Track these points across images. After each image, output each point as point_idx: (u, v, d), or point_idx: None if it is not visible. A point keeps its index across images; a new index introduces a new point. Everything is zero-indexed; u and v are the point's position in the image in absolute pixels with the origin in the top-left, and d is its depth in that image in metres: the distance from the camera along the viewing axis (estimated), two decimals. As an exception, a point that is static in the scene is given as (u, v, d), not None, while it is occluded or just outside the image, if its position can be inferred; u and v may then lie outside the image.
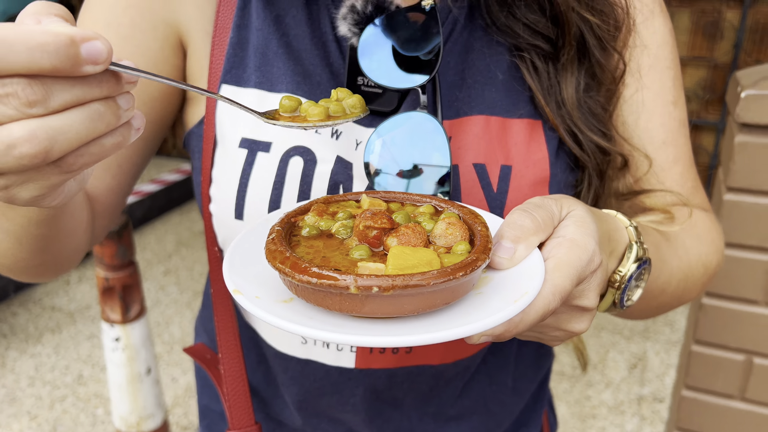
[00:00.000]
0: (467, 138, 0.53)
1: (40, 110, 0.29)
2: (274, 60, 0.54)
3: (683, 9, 2.63)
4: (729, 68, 2.63)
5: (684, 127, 0.59)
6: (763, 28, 2.55)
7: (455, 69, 0.54)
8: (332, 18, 0.55)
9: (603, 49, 0.54)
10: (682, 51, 2.69)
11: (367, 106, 0.46)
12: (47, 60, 0.28)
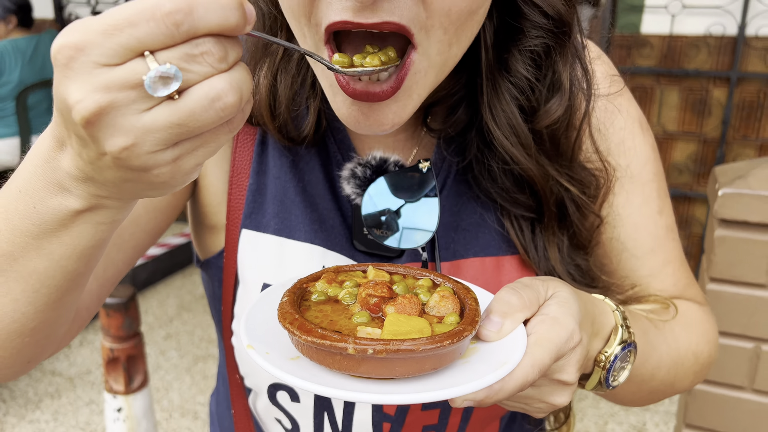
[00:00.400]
0: (465, 279, 0.57)
1: (225, 66, 0.32)
2: (291, 207, 0.59)
3: (672, 87, 2.75)
4: (718, 142, 2.72)
5: (672, 231, 0.64)
6: (749, 105, 2.66)
7: (450, 211, 0.59)
8: (337, 172, 0.59)
9: (582, 214, 0.58)
10: (672, 126, 2.79)
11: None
12: (233, 18, 0.31)
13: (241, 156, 0.60)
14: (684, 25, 2.67)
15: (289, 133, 0.58)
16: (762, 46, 2.57)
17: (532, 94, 0.54)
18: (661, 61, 2.73)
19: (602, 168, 0.59)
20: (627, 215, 0.62)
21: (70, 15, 3.77)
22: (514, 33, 0.53)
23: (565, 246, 0.58)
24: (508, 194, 0.57)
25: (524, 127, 0.54)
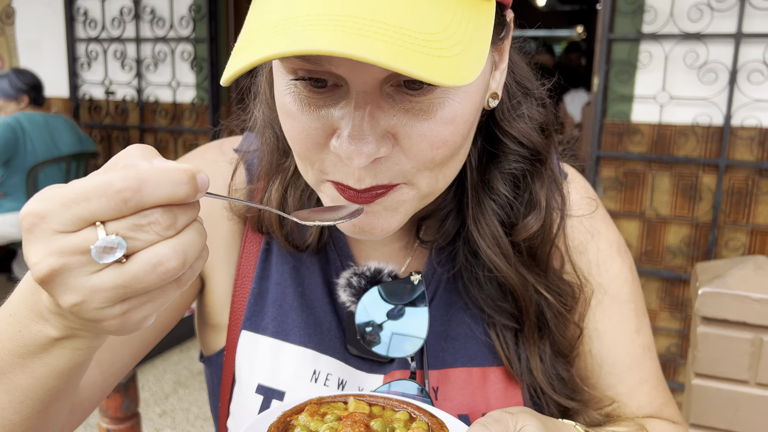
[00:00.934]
0: (452, 390, 0.61)
1: (172, 232, 0.36)
2: (289, 312, 0.63)
3: (664, 172, 2.84)
4: (710, 226, 2.79)
5: (649, 350, 0.68)
6: (738, 191, 2.74)
7: (441, 321, 0.62)
8: (335, 279, 0.63)
9: (561, 322, 0.62)
10: (665, 210, 2.86)
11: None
12: (182, 191, 0.36)
13: (246, 262, 0.65)
14: (672, 114, 2.79)
15: (294, 240, 0.63)
16: (748, 136, 2.68)
17: (511, 210, 0.60)
18: (651, 148, 2.84)
19: (578, 282, 0.63)
20: (605, 332, 0.66)
21: (84, 95, 3.93)
22: (496, 157, 0.59)
23: (548, 355, 0.61)
24: (493, 302, 0.62)
25: (505, 239, 0.60)
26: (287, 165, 0.62)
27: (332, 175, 0.49)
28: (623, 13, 2.79)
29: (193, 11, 3.55)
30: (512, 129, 0.58)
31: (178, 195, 0.36)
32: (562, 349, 0.63)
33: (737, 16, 2.60)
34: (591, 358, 0.65)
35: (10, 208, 3.33)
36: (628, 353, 0.66)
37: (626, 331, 0.66)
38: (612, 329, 0.66)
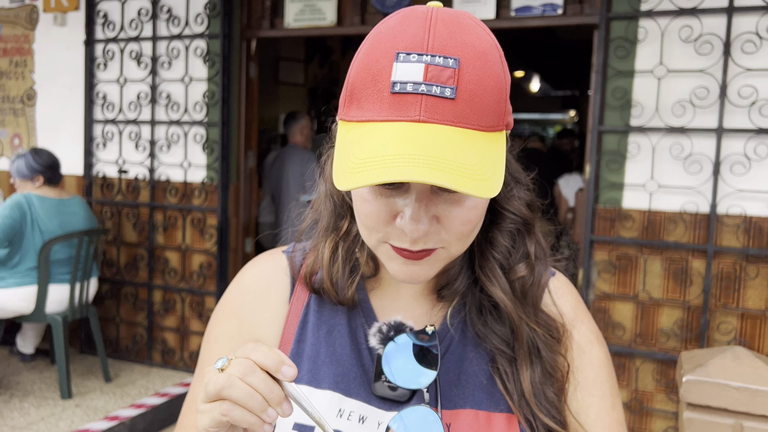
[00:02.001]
0: (462, 427, 0.71)
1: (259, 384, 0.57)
2: (321, 366, 0.76)
3: (655, 256, 2.96)
4: (701, 310, 2.88)
5: (622, 425, 0.78)
6: (726, 276, 2.85)
7: (454, 372, 0.75)
8: (366, 333, 0.77)
9: (550, 350, 0.75)
10: (657, 293, 2.96)
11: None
12: (275, 363, 0.56)
13: (288, 330, 0.80)
14: (661, 202, 2.94)
15: (337, 291, 0.77)
16: (733, 224, 2.81)
17: (509, 257, 0.77)
18: (642, 233, 2.97)
19: (559, 321, 0.78)
20: (589, 405, 0.76)
21: (97, 173, 4.09)
22: (496, 222, 0.77)
23: (537, 377, 0.73)
24: (495, 335, 0.75)
25: (504, 279, 0.76)
26: (341, 226, 0.79)
27: (392, 241, 0.67)
28: (612, 108, 2.99)
29: (206, 97, 3.76)
30: (508, 206, 0.77)
31: (274, 366, 0.57)
32: (554, 374, 0.74)
33: (718, 112, 2.79)
34: (576, 418, 0.75)
35: (20, 282, 3.41)
36: (606, 425, 0.76)
37: (604, 405, 0.76)
38: (595, 403, 0.76)
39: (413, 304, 0.79)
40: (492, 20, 3.28)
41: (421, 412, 0.70)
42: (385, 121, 0.61)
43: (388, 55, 0.61)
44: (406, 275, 0.68)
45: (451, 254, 0.69)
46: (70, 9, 4.10)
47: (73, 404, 3.41)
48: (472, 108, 0.61)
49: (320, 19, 3.58)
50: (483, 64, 0.62)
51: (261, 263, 0.85)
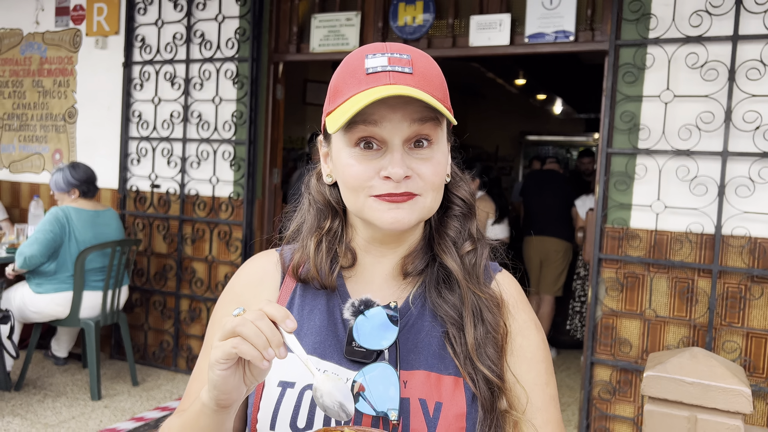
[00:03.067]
0: (416, 383, 0.85)
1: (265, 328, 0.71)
2: (304, 336, 0.91)
3: (661, 275, 3.04)
4: (707, 328, 2.95)
5: (554, 400, 0.91)
6: (731, 295, 2.92)
7: (412, 341, 0.89)
8: (341, 311, 0.92)
9: (491, 314, 0.89)
10: (663, 311, 3.04)
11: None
12: (281, 316, 0.71)
13: (281, 302, 0.96)
14: (667, 222, 3.03)
15: (321, 277, 0.92)
16: (738, 245, 2.89)
17: (459, 235, 0.93)
18: (649, 252, 3.05)
19: (498, 291, 0.93)
20: (524, 380, 0.88)
21: (131, 187, 4.32)
22: (449, 206, 0.94)
23: (480, 334, 0.87)
24: (447, 304, 0.89)
25: (455, 253, 0.91)
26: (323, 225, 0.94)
27: (377, 191, 0.83)
28: (620, 131, 3.10)
29: (235, 117, 3.97)
30: (458, 192, 0.95)
31: (280, 317, 0.73)
32: (495, 336, 0.87)
33: (723, 136, 2.89)
34: (514, 387, 0.88)
35: (57, 288, 3.62)
36: (539, 398, 0.88)
37: (539, 382, 0.89)
38: (530, 379, 0.89)
39: (383, 286, 0.93)
40: (506, 46, 3.43)
41: (382, 368, 0.84)
42: (365, 90, 0.80)
43: (360, 57, 0.84)
44: (392, 219, 0.84)
45: (427, 205, 0.85)
46: (111, 33, 4.37)
47: (102, 405, 3.59)
48: (425, 80, 0.82)
49: (344, 44, 3.78)
50: (427, 60, 0.85)
51: (257, 259, 1.01)
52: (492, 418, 0.85)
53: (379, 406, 0.83)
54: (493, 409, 0.85)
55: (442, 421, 0.83)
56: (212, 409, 0.77)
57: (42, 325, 3.84)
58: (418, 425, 0.82)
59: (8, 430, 3.17)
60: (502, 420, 0.86)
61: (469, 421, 0.84)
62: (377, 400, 0.83)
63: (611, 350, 3.16)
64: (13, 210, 4.82)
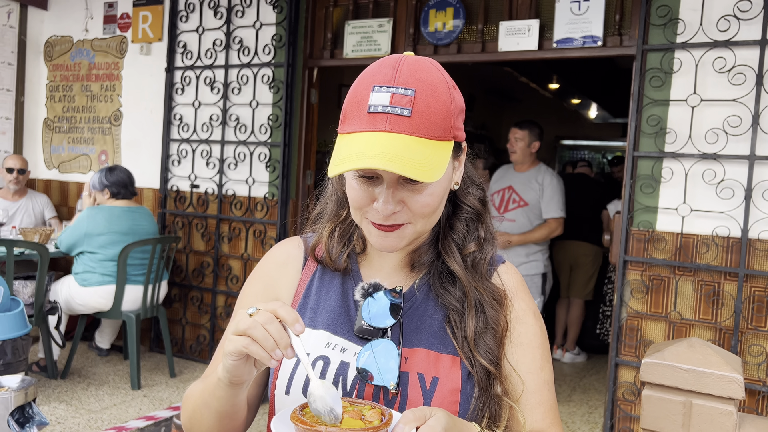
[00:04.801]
0: (416, 360, 0.94)
1: (274, 331, 0.78)
2: (319, 314, 1.01)
3: (687, 278, 3.06)
4: (732, 331, 2.95)
5: (548, 384, 0.98)
6: (758, 299, 2.92)
7: (415, 322, 0.97)
8: (354, 292, 1.01)
9: (492, 309, 0.97)
10: (689, 314, 3.05)
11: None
12: (291, 320, 0.78)
13: (299, 290, 1.05)
14: (693, 226, 3.04)
15: (333, 260, 1.02)
16: (765, 248, 2.89)
17: (464, 238, 1.00)
18: (675, 255, 3.07)
19: (501, 289, 1.00)
20: (520, 364, 0.96)
21: (171, 187, 4.50)
22: (456, 213, 1.01)
23: (480, 325, 0.94)
24: (451, 295, 0.97)
25: (458, 254, 0.99)
26: (340, 213, 1.04)
27: (371, 218, 0.91)
28: (647, 134, 3.13)
29: (270, 120, 4.12)
30: (465, 200, 1.01)
31: (290, 319, 0.80)
32: (495, 328, 0.95)
33: (750, 140, 2.90)
34: (511, 375, 0.95)
35: (101, 281, 3.82)
36: (534, 381, 0.95)
37: (534, 366, 0.97)
38: (526, 362, 0.96)
39: (391, 273, 1.03)
40: (534, 51, 3.49)
41: (385, 343, 0.93)
42: (362, 132, 0.85)
43: (367, 87, 0.87)
44: (382, 244, 0.92)
45: (417, 230, 0.92)
46: (155, 40, 4.58)
47: (141, 394, 3.77)
48: (422, 122, 0.84)
49: (376, 50, 3.89)
50: (433, 94, 0.86)
51: (284, 244, 1.11)
52: (486, 396, 0.93)
53: (380, 378, 0.92)
54: (488, 388, 0.93)
55: (438, 393, 0.91)
56: (226, 384, 0.86)
57: (87, 317, 4.04)
58: (414, 396, 0.91)
59: (55, 414, 3.36)
60: (497, 401, 0.94)
61: (463, 396, 0.92)
62: (378, 373, 0.92)
63: (636, 352, 3.18)
64: (62, 208, 5.06)
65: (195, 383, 1.01)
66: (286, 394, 0.95)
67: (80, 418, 3.36)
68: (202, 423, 0.95)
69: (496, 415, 0.93)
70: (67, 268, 4.80)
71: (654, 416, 1.22)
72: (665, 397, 1.21)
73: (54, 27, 5.13)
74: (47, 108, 5.18)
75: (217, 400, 0.90)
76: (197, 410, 0.96)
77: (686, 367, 1.19)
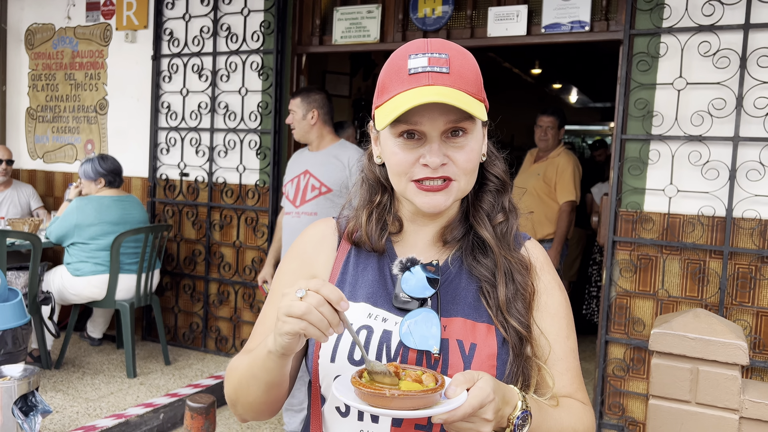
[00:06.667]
0: (454, 328, 0.99)
1: (327, 313, 0.83)
2: (358, 288, 1.05)
3: (673, 257, 3.16)
4: (717, 307, 3.06)
5: (573, 352, 1.04)
6: (742, 276, 3.03)
7: (451, 294, 1.03)
8: (390, 269, 1.06)
9: (521, 276, 1.03)
10: (675, 292, 3.15)
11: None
12: (337, 298, 0.83)
13: (337, 265, 1.10)
14: (680, 206, 3.14)
15: (371, 242, 1.07)
16: (749, 227, 2.99)
17: (492, 209, 1.06)
18: (662, 235, 3.17)
19: (527, 257, 1.06)
20: (547, 333, 1.02)
21: (161, 176, 4.49)
22: (484, 182, 1.07)
23: (511, 293, 1.00)
24: (482, 266, 1.03)
25: (489, 224, 1.05)
26: (374, 199, 1.09)
27: (417, 176, 0.96)
28: (634, 117, 3.21)
29: (260, 108, 4.12)
30: (492, 170, 1.07)
31: (335, 298, 0.84)
32: (524, 294, 1.01)
33: (734, 122, 2.99)
34: (540, 339, 1.01)
35: (94, 271, 3.81)
36: (561, 348, 1.02)
37: (560, 334, 1.03)
38: (553, 332, 1.02)
39: (425, 250, 1.08)
40: (523, 36, 3.55)
41: (425, 312, 0.98)
42: (407, 90, 0.92)
43: (403, 58, 0.95)
44: (429, 203, 0.98)
45: (461, 187, 0.98)
46: (140, 27, 4.53)
47: (138, 382, 3.78)
48: (460, 79, 0.93)
49: (365, 36, 3.91)
50: (464, 57, 0.96)
51: (317, 225, 1.16)
52: (520, 360, 0.99)
53: (423, 343, 0.97)
54: (521, 353, 0.99)
55: (476, 358, 0.97)
56: (278, 357, 0.91)
57: (80, 307, 4.03)
58: (455, 361, 0.96)
59: (52, 403, 3.37)
60: (528, 363, 1.00)
61: (500, 360, 0.98)
62: (421, 339, 0.97)
63: (625, 329, 3.28)
64: (48, 198, 5.02)
65: (237, 357, 1.05)
66: (331, 362, 1.00)
67: (78, 407, 3.37)
68: (249, 393, 0.99)
69: (528, 377, 0.99)
70: (55, 259, 4.77)
71: (663, 383, 1.29)
72: (673, 365, 1.28)
73: (35, 14, 5.05)
74: (30, 97, 5.11)
75: (267, 372, 0.94)
76: (244, 381, 1.00)
77: (693, 336, 1.26)
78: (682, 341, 1.27)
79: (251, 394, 0.99)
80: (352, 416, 0.99)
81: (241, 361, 1.03)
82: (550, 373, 1.00)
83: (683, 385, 1.27)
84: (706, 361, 1.25)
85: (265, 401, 1.00)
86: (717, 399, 1.26)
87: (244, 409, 1.03)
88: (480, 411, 0.82)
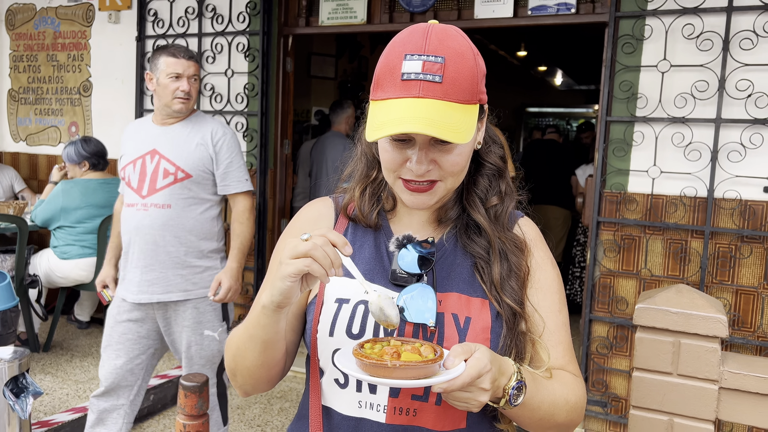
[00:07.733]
0: (449, 302, 1.02)
1: (330, 252, 0.88)
2: (356, 265, 1.06)
3: (656, 237, 3.22)
4: (699, 286, 3.13)
5: (565, 326, 1.08)
6: (722, 255, 3.10)
7: (446, 270, 1.06)
8: (386, 246, 1.09)
9: (515, 256, 1.06)
10: (658, 271, 3.22)
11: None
12: (342, 242, 0.88)
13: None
14: (662, 187, 3.19)
15: (365, 217, 1.09)
16: (729, 207, 3.06)
17: (486, 192, 1.08)
18: (645, 215, 3.22)
19: (521, 237, 1.09)
20: (539, 307, 1.05)
21: (147, 158, 4.46)
22: (480, 167, 1.09)
23: (505, 270, 1.04)
24: (476, 245, 1.06)
25: (482, 207, 1.07)
26: (371, 174, 1.11)
27: (404, 175, 0.98)
28: (619, 99, 3.25)
29: (247, 89, 4.11)
30: (487, 158, 1.09)
31: (340, 241, 0.89)
32: (518, 272, 1.04)
33: (717, 104, 3.04)
34: (533, 315, 1.05)
35: (81, 254, 3.80)
36: (552, 322, 1.05)
37: (552, 308, 1.06)
38: (545, 306, 1.05)
39: (420, 228, 1.11)
40: (509, 18, 3.56)
41: (421, 287, 1.01)
42: (397, 98, 0.91)
43: (399, 56, 0.93)
44: (414, 202, 1.01)
45: (447, 187, 1.00)
46: (123, 8, 4.48)
47: (127, 364, 3.80)
48: (453, 87, 0.91)
49: (352, 17, 3.90)
50: (461, 61, 0.93)
51: (314, 203, 1.18)
52: (513, 333, 1.02)
53: (419, 317, 1.00)
54: (514, 327, 1.03)
55: (471, 331, 1.00)
56: (272, 310, 0.94)
57: (67, 290, 4.02)
58: (450, 333, 1.00)
59: (41, 386, 3.37)
60: (521, 338, 1.04)
61: (493, 334, 1.01)
62: (417, 312, 1.00)
63: (608, 308, 3.35)
64: (31, 181, 4.97)
65: (236, 328, 1.08)
66: (330, 336, 1.02)
67: (68, 389, 3.38)
68: (246, 357, 1.02)
69: (522, 350, 1.02)
70: (40, 242, 4.74)
71: (646, 356, 1.34)
72: (656, 338, 1.33)
73: (15, -6, 4.96)
74: (11, 79, 5.04)
75: (262, 328, 0.97)
76: (241, 346, 1.03)
77: (675, 311, 1.31)
78: (665, 315, 1.32)
79: (248, 357, 1.02)
80: (351, 387, 1.02)
81: (238, 329, 1.06)
82: (545, 348, 1.03)
83: (665, 357, 1.32)
84: (687, 335, 1.30)
85: (261, 364, 1.02)
86: (698, 370, 1.31)
87: (242, 377, 1.06)
88: (478, 381, 0.85)
